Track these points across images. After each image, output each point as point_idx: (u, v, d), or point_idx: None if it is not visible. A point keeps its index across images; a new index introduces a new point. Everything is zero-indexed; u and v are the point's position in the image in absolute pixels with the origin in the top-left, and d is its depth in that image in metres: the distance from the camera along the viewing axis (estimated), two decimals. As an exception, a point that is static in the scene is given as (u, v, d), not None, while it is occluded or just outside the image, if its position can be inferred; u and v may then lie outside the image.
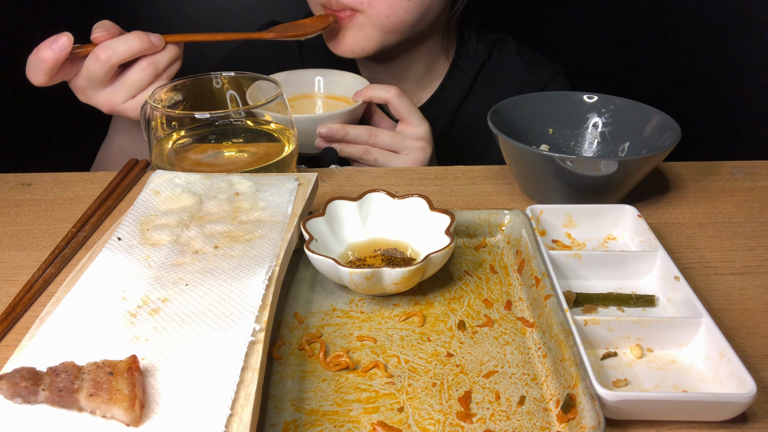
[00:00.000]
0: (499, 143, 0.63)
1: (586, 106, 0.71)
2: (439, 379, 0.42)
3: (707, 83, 1.23)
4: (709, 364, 0.42)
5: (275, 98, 0.60)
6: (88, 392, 0.34)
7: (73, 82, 0.68)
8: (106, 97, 0.67)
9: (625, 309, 0.49)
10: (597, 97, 0.70)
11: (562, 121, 0.71)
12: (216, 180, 0.55)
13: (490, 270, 0.53)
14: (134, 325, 0.40)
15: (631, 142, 0.68)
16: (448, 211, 0.52)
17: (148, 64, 0.66)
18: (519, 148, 0.59)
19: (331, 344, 0.45)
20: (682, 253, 0.57)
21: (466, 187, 0.69)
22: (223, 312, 0.41)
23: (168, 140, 0.62)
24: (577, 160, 0.57)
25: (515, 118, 0.69)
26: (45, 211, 0.65)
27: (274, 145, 0.64)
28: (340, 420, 0.39)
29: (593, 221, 0.58)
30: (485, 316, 0.48)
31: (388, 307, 0.49)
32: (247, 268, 0.45)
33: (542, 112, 0.71)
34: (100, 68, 0.64)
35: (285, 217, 0.52)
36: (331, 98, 0.87)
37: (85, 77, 0.66)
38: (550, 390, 0.41)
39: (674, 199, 0.67)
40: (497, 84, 0.92)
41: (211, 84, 0.67)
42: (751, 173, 0.72)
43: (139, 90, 0.67)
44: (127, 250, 0.47)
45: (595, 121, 0.71)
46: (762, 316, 0.49)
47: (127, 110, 0.67)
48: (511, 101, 0.69)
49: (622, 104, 0.69)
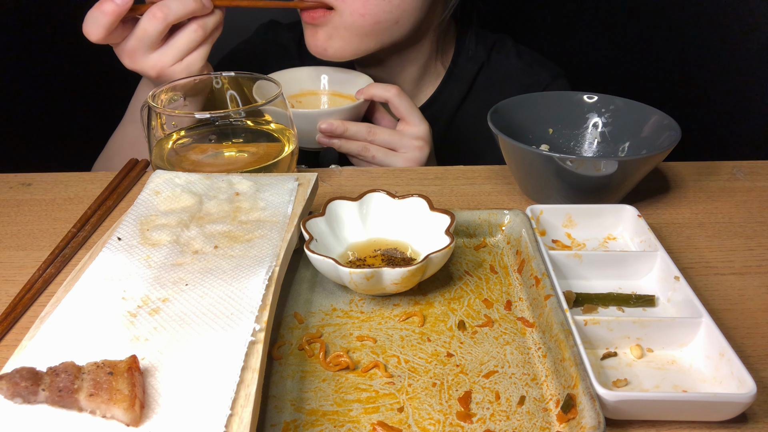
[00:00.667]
0: (499, 143, 0.63)
1: (586, 106, 0.71)
2: (439, 379, 0.42)
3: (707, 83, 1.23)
4: (709, 364, 0.42)
5: (275, 98, 0.60)
6: (88, 392, 0.34)
7: (122, 46, 0.67)
8: (156, 60, 0.67)
9: (625, 309, 0.49)
10: (597, 97, 0.70)
11: (562, 122, 0.71)
12: (216, 180, 0.55)
13: (490, 270, 0.53)
14: (134, 325, 0.40)
15: (631, 142, 0.68)
16: (448, 211, 0.52)
17: (198, 26, 0.66)
18: (519, 148, 0.59)
19: (331, 344, 0.45)
20: (682, 253, 0.57)
21: (466, 187, 0.69)
22: (223, 312, 0.41)
23: (168, 140, 0.62)
24: (577, 160, 0.57)
25: (515, 118, 0.69)
26: (45, 211, 0.65)
27: (274, 145, 0.64)
28: (340, 420, 0.39)
29: (593, 221, 0.58)
30: (485, 316, 0.48)
31: (388, 307, 0.49)
32: (247, 268, 0.45)
33: (542, 112, 0.71)
34: (155, 27, 0.64)
35: (285, 217, 0.52)
36: (337, 95, 0.88)
37: (138, 38, 0.65)
38: (550, 390, 0.41)
39: (674, 199, 0.67)
40: (496, 86, 0.91)
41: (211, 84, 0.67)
42: (751, 173, 0.72)
43: (188, 51, 0.67)
44: (127, 250, 0.47)
45: (595, 121, 0.71)
46: (762, 316, 0.49)
47: (175, 73, 0.67)
48: (510, 101, 0.69)
49: (622, 104, 0.69)
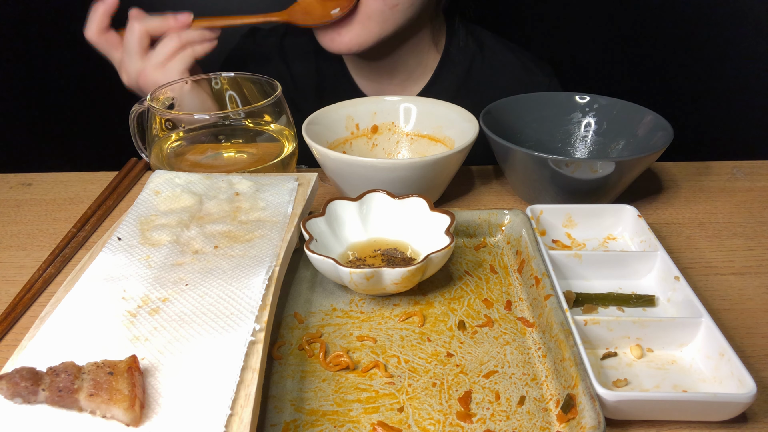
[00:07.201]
0: (491, 144, 0.63)
1: (578, 106, 0.71)
2: (439, 379, 0.42)
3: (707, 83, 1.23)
4: (709, 364, 0.42)
5: (275, 98, 0.60)
6: (88, 392, 0.34)
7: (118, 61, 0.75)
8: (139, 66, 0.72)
9: (625, 309, 0.49)
10: (589, 97, 0.71)
11: (554, 122, 0.71)
12: (216, 180, 0.55)
13: (490, 270, 0.53)
14: (134, 325, 0.40)
15: (623, 142, 0.68)
16: (448, 211, 0.52)
17: (175, 35, 0.72)
18: (511, 149, 0.59)
19: (331, 344, 0.45)
20: (682, 253, 0.57)
21: (466, 187, 0.69)
22: (223, 312, 0.41)
23: (166, 141, 0.62)
24: (571, 162, 0.57)
25: (507, 119, 0.69)
26: (45, 211, 0.65)
27: (273, 145, 0.64)
28: (340, 420, 0.39)
29: (593, 221, 0.58)
30: (485, 316, 0.48)
31: (388, 307, 0.49)
32: (247, 268, 0.45)
33: (534, 112, 0.71)
34: (134, 37, 0.71)
35: (285, 217, 0.52)
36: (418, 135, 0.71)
37: (124, 48, 0.73)
38: (550, 390, 0.41)
39: (674, 199, 0.67)
40: (491, 80, 0.91)
41: (211, 84, 0.67)
42: (751, 173, 0.72)
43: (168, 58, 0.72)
44: (127, 250, 0.47)
45: (588, 121, 0.71)
46: (762, 316, 0.49)
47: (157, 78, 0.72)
48: (502, 102, 0.69)
49: (614, 104, 0.69)
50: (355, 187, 0.59)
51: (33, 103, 1.28)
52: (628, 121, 0.68)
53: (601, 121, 0.70)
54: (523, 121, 0.71)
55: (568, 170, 0.58)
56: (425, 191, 0.59)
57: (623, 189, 0.62)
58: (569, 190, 0.61)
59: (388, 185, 0.57)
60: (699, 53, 1.21)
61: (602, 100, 0.70)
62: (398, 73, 0.90)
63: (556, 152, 0.71)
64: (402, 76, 0.91)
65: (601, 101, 0.70)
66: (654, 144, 0.63)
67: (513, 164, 0.63)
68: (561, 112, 0.71)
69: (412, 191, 0.56)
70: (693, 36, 1.20)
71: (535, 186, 0.63)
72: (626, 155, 0.66)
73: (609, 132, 0.69)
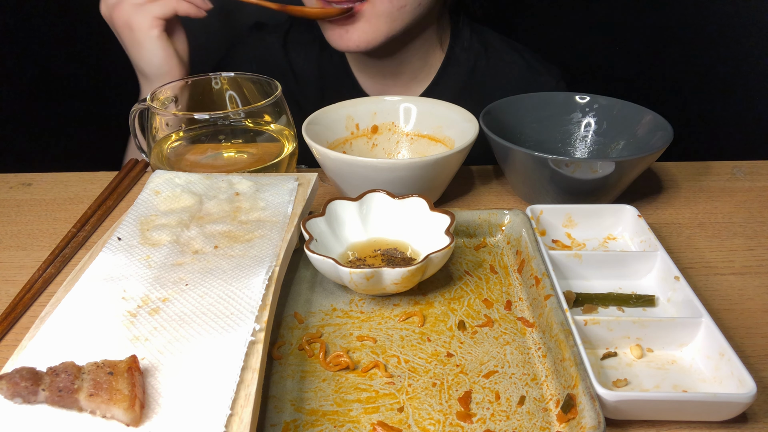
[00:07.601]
0: (491, 144, 0.63)
1: (578, 106, 0.71)
2: (439, 379, 0.42)
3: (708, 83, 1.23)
4: (709, 364, 0.42)
5: (275, 98, 0.60)
6: (88, 392, 0.34)
7: None
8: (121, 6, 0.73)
9: (625, 309, 0.49)
10: (589, 97, 0.71)
11: (554, 122, 0.71)
12: (216, 180, 0.55)
13: (490, 270, 0.53)
14: (134, 325, 0.40)
15: (623, 142, 0.68)
16: (448, 211, 0.52)
17: None
18: (511, 149, 0.59)
19: (331, 344, 0.45)
20: (682, 253, 0.57)
21: (466, 187, 0.69)
22: (223, 312, 0.41)
23: (166, 141, 0.62)
24: (571, 162, 0.57)
25: (507, 119, 0.69)
26: (45, 211, 0.65)
27: (273, 145, 0.64)
28: (340, 420, 0.39)
29: (593, 221, 0.58)
30: (485, 316, 0.48)
31: (388, 307, 0.49)
32: (247, 268, 0.45)
33: (534, 112, 0.71)
34: None
35: (285, 217, 0.52)
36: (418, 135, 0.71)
37: None
38: (550, 390, 0.41)
39: (674, 199, 0.67)
40: (495, 80, 0.91)
41: (210, 84, 0.67)
42: (751, 173, 0.72)
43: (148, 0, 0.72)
44: (127, 250, 0.47)
45: (588, 121, 0.71)
46: (762, 316, 0.49)
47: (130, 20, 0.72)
48: (502, 102, 0.69)
49: (614, 104, 0.69)
50: (355, 187, 0.59)
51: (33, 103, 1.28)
52: (628, 121, 0.68)
53: (601, 121, 0.70)
54: (523, 121, 0.71)
55: (568, 170, 0.58)
56: (425, 191, 0.59)
57: (623, 189, 0.62)
58: (569, 190, 0.61)
59: (388, 185, 0.57)
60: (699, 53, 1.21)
61: (602, 100, 0.70)
62: (403, 73, 0.90)
63: (556, 152, 0.71)
64: (407, 76, 0.91)
65: (601, 101, 0.70)
66: (654, 144, 0.63)
67: (513, 164, 0.63)
68: (561, 112, 0.72)
69: (412, 191, 0.56)
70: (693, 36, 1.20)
71: (535, 186, 0.63)
72: (626, 155, 0.66)
73: (609, 132, 0.69)
